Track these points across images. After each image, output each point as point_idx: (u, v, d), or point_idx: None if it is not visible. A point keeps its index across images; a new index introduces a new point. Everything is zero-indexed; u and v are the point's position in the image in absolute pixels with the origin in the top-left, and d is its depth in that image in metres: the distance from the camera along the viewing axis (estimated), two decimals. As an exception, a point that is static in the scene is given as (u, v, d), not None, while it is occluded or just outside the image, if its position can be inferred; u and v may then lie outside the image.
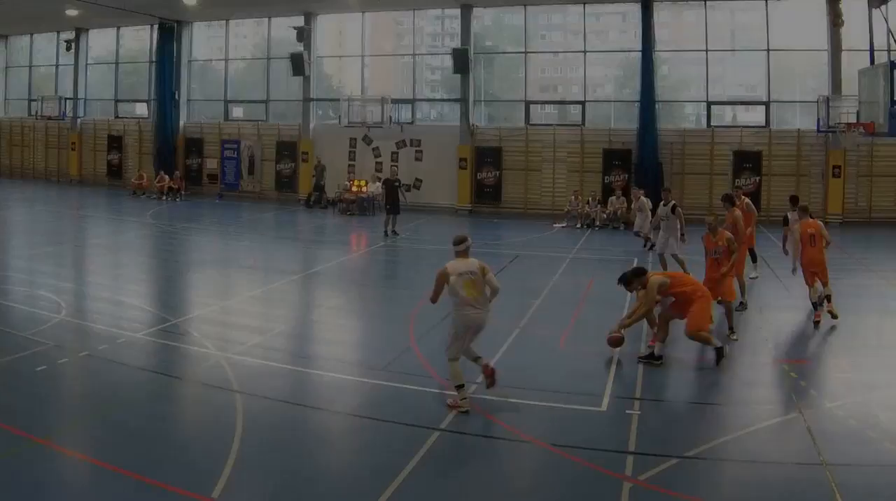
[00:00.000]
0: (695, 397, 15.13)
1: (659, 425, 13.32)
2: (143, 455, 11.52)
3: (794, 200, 25.02)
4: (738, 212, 22.00)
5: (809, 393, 14.61)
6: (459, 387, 13.96)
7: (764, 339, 18.56)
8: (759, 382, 15.78)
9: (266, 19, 52.14)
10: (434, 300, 14.50)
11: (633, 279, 16.96)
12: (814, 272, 20.62)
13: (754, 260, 25.64)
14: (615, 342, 17.33)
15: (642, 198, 32.98)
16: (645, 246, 31.68)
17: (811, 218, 21.42)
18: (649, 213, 31.60)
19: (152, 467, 11.06)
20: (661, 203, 26.51)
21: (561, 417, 13.59)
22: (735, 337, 18.07)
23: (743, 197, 25.33)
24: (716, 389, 15.49)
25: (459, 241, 14.65)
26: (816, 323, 19.95)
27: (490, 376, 14.28)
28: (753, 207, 25.78)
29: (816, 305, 20.40)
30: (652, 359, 16.48)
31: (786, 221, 24.06)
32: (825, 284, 20.50)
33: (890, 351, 18.04)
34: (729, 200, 22.55)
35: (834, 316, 20.15)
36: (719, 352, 16.37)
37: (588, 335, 18.54)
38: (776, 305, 22.16)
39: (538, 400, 14.18)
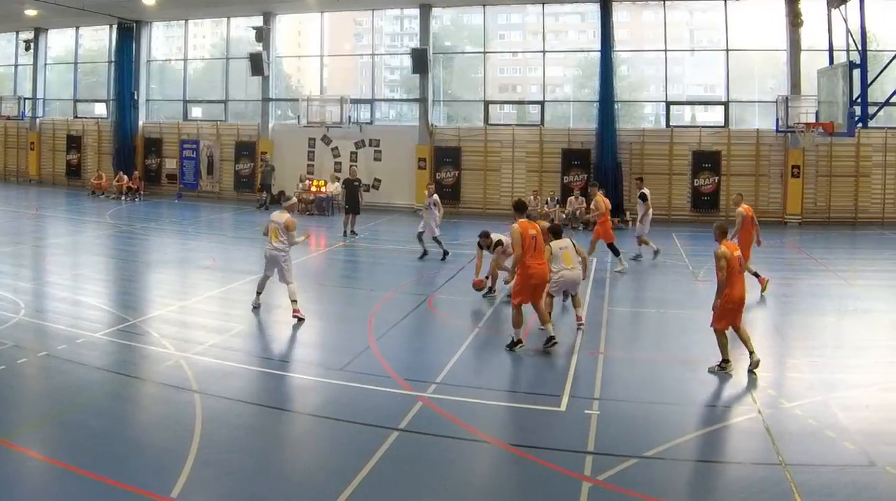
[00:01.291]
0: (654, 397, 14.42)
1: (618, 425, 12.88)
2: (102, 454, 11.21)
3: (641, 180, 29.78)
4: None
5: (768, 393, 14.28)
6: (258, 294, 20.17)
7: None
8: (717, 382, 15.19)
9: (225, 19, 50.50)
10: (265, 233, 19.97)
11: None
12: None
13: (616, 254, 26.46)
14: (478, 285, 21.13)
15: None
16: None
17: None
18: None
19: (112, 467, 10.77)
20: None
21: (520, 417, 13.50)
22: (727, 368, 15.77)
23: (598, 191, 28.09)
24: (674, 389, 15.03)
25: (286, 199, 20.78)
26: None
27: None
28: (608, 201, 27.67)
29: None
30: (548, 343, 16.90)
31: (643, 198, 28.29)
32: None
33: (849, 352, 17.43)
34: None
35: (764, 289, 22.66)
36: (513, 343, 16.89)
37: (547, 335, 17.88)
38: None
39: (497, 400, 14.03)
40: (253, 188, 48.22)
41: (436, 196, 29.90)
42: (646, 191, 28.97)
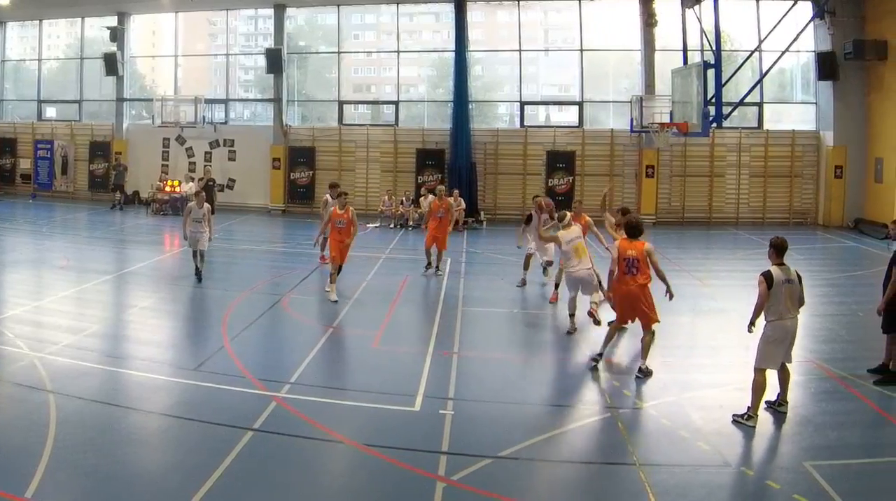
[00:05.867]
0: (508, 397, 12.86)
1: (472, 425, 11.52)
2: (-49, 457, 9.51)
3: (334, 186, 23.55)
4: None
5: (622, 393, 12.83)
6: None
7: (576, 340, 16.10)
8: (572, 382, 13.83)
9: (79, 19, 42.73)
10: None
11: None
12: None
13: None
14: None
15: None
16: None
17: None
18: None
19: (-38, 469, 9.13)
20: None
21: (374, 417, 11.91)
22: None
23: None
24: (529, 389, 13.43)
25: None
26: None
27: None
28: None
29: None
30: None
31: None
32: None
33: (703, 352, 15.63)
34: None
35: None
36: None
37: (402, 334, 16.97)
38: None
39: (352, 400, 12.60)
40: (107, 188, 40.66)
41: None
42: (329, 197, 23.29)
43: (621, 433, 11.09)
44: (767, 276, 11.13)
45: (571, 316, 16.36)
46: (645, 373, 13.41)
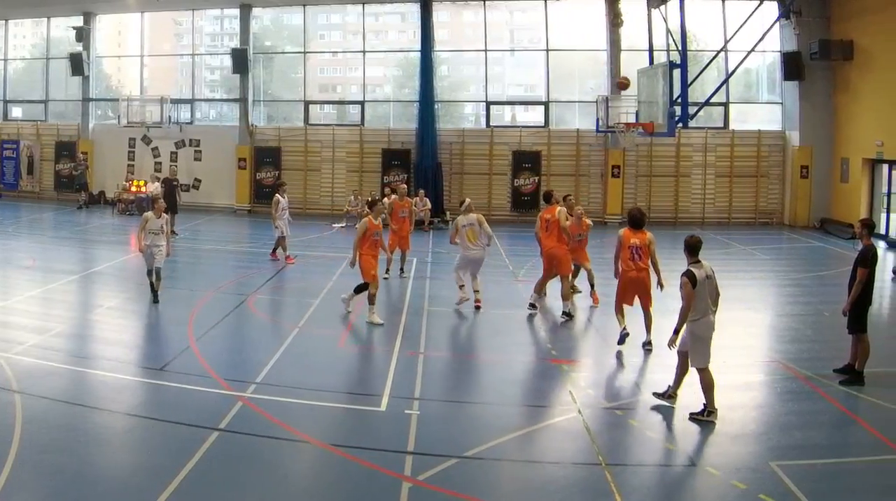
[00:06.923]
0: (474, 397, 12.86)
1: (438, 425, 11.25)
2: (-83, 458, 9.11)
3: (282, 184, 25.46)
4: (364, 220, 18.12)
5: (588, 393, 12.59)
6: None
7: (543, 340, 16.14)
8: (537, 382, 13.65)
9: (45, 19, 41.50)
10: None
11: None
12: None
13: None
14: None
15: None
16: None
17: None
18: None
19: (-73, 470, 8.72)
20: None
21: (340, 417, 11.77)
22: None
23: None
24: (495, 389, 13.16)
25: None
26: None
27: None
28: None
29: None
30: None
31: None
32: None
33: (668, 352, 13.68)
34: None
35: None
36: None
37: (368, 334, 16.41)
38: (554, 306, 18.57)
39: (318, 401, 12.21)
40: (73, 188, 39.35)
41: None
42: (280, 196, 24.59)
43: (588, 433, 10.86)
44: (691, 276, 10.99)
45: (461, 286, 17.79)
46: (648, 346, 14.40)
